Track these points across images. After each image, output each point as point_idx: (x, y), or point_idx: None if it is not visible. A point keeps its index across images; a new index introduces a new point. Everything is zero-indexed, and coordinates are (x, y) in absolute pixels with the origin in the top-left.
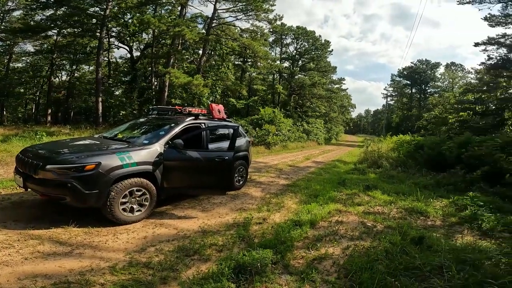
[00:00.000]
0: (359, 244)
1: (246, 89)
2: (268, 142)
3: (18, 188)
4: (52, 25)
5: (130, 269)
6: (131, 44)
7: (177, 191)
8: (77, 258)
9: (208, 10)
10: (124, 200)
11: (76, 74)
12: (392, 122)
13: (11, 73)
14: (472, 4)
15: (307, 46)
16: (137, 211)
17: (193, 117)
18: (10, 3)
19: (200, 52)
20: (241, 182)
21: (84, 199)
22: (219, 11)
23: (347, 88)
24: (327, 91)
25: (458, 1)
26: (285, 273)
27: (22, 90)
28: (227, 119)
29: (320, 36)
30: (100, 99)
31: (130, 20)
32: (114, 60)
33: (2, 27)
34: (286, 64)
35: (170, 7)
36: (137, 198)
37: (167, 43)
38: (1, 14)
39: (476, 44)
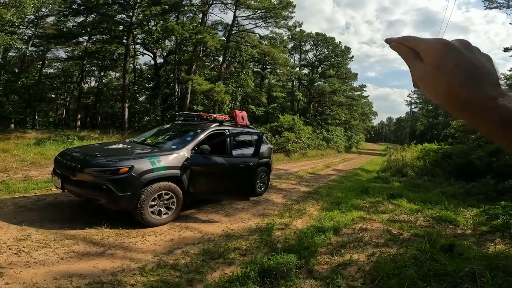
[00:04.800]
0: (385, 251)
1: (265, 96)
2: (287, 150)
3: (52, 189)
4: (83, 31)
5: (159, 270)
6: (155, 51)
7: (202, 196)
8: (109, 258)
9: (228, 18)
10: (153, 203)
11: (103, 80)
12: (416, 130)
13: (43, 78)
14: (500, 9)
15: (327, 52)
16: (164, 214)
17: (218, 124)
18: (44, 9)
19: (220, 59)
20: (262, 189)
21: (117, 201)
22: (238, 18)
23: (369, 95)
24: (348, 98)
25: (485, 6)
26: (310, 278)
27: (53, 96)
28: (250, 126)
29: (340, 42)
30: (126, 105)
31: (154, 27)
32: (139, 66)
33: (36, 33)
34: (306, 71)
35: (191, 15)
36: (165, 202)
37: (188, 50)
38: (35, 20)
39: (506, 49)
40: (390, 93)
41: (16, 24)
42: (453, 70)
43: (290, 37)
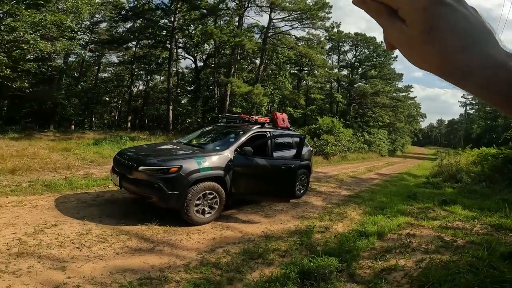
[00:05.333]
0: (436, 257)
1: (303, 98)
2: (326, 153)
3: (109, 186)
4: (132, 36)
5: (201, 268)
6: (195, 54)
7: (243, 197)
8: (158, 254)
9: (263, 20)
10: (198, 202)
11: (150, 84)
12: (472, 133)
13: (99, 82)
14: None
15: (368, 53)
16: (207, 213)
17: (259, 126)
18: (97, 15)
19: (257, 61)
20: (302, 191)
21: (167, 199)
22: (274, 20)
23: (416, 97)
24: (392, 99)
25: None
26: (351, 282)
27: (107, 99)
28: (290, 128)
29: (382, 42)
30: (170, 107)
31: (193, 32)
32: (181, 70)
33: (92, 38)
34: (345, 72)
35: (228, 18)
36: (209, 201)
37: (227, 53)
38: (91, 26)
39: None
40: (441, 93)
41: (75, 30)
42: (449, 32)
43: (328, 38)
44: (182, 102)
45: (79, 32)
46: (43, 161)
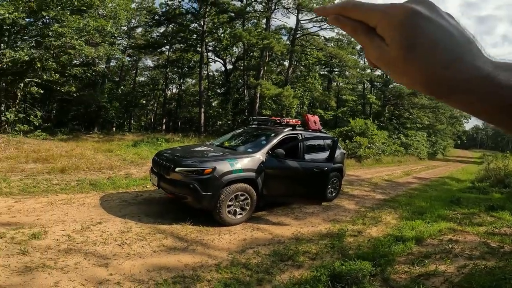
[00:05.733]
0: (480, 263)
1: (334, 100)
2: (359, 155)
3: (147, 186)
4: (165, 41)
5: (232, 268)
6: (224, 57)
7: (274, 199)
8: (191, 254)
9: (290, 21)
10: (230, 203)
11: (182, 87)
12: None
13: (137, 86)
14: None
15: None
16: (238, 214)
17: (291, 128)
18: (133, 21)
19: (286, 63)
20: (333, 194)
21: (201, 200)
22: (301, 22)
23: None
24: (432, 100)
25: None
26: (385, 286)
27: (144, 102)
28: (322, 130)
29: None
30: (202, 110)
31: (222, 35)
32: (211, 73)
33: (130, 43)
34: (378, 72)
35: (255, 21)
36: (240, 202)
37: (255, 56)
38: (128, 31)
39: None
40: None
41: (115, 35)
42: (430, 48)
43: None
44: (213, 104)
45: (118, 37)
46: (89, 161)
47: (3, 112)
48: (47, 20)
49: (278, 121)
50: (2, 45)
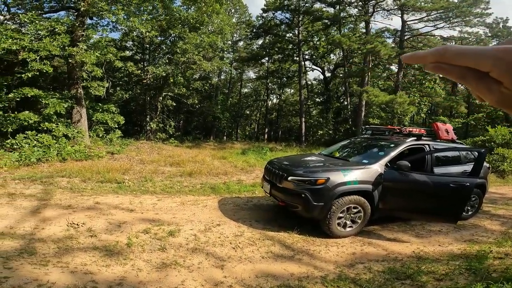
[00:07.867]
0: None
1: (464, 105)
2: (502, 170)
3: (256, 192)
4: (264, 52)
5: (339, 282)
6: (322, 65)
7: (391, 213)
8: (297, 263)
9: (393, 23)
10: (341, 215)
11: (282, 97)
12: None
13: (242, 97)
14: None
15: None
16: (348, 227)
17: (415, 138)
18: (235, 35)
19: (393, 67)
20: (469, 213)
21: (311, 210)
22: (408, 22)
23: None
24: None
25: None
26: None
27: (248, 112)
28: (456, 141)
29: None
30: (303, 119)
31: (318, 42)
32: (309, 82)
33: (235, 56)
34: None
35: (352, 26)
36: (352, 215)
37: (355, 62)
38: (232, 45)
39: None
40: None
41: (224, 49)
42: None
43: (492, 35)
44: (313, 113)
45: (225, 51)
46: (208, 166)
47: (148, 123)
48: (173, 38)
49: (398, 130)
50: (145, 63)
